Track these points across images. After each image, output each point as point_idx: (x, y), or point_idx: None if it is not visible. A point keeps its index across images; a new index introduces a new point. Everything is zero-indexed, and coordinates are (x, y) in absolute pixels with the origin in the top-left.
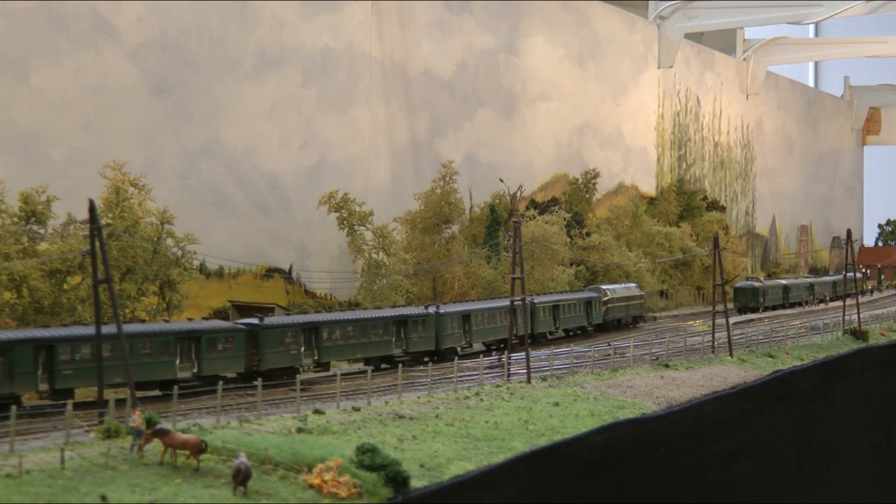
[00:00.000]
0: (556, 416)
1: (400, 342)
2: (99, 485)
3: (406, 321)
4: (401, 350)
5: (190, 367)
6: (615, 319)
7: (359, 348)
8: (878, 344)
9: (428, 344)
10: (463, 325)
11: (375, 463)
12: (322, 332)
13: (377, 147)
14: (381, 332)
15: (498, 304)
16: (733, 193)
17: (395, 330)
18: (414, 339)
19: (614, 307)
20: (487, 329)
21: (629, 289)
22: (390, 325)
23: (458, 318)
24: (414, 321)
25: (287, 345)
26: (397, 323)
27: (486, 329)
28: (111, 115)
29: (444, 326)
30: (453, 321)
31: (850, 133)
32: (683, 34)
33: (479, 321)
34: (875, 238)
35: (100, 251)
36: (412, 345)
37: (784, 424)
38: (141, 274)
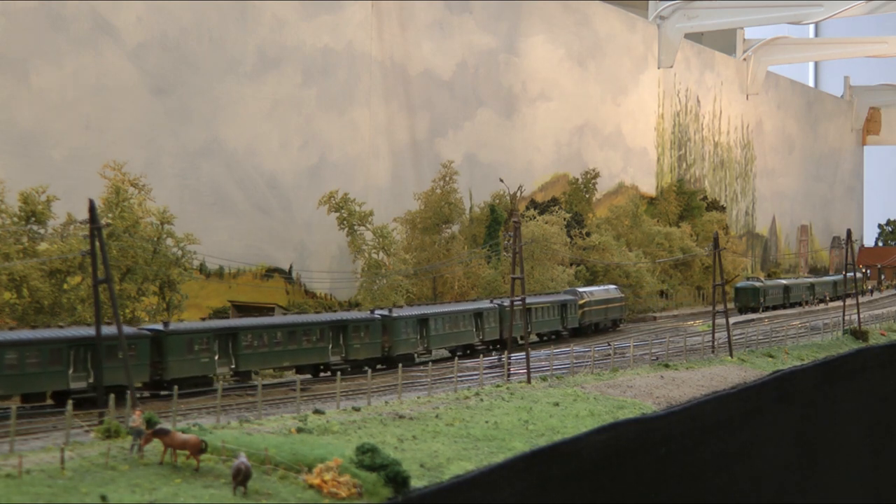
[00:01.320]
0: (556, 416)
1: (338, 349)
2: (99, 485)
3: (346, 326)
4: (339, 357)
5: (85, 376)
6: (592, 323)
7: (286, 356)
8: (878, 344)
9: (372, 350)
10: (420, 330)
11: (375, 463)
12: (241, 338)
13: (377, 147)
14: (314, 338)
15: (463, 307)
16: (733, 193)
17: (333, 336)
18: (355, 346)
19: (591, 310)
20: (449, 334)
21: (608, 291)
22: (326, 331)
23: (414, 323)
24: (355, 326)
25: (197, 352)
26: (335, 328)
27: (447, 334)
28: (111, 115)
29: (397, 331)
30: (408, 326)
31: (850, 133)
32: (683, 34)
33: (440, 326)
34: (875, 238)
35: (100, 251)
36: (353, 352)
37: (784, 424)
38: (141, 274)
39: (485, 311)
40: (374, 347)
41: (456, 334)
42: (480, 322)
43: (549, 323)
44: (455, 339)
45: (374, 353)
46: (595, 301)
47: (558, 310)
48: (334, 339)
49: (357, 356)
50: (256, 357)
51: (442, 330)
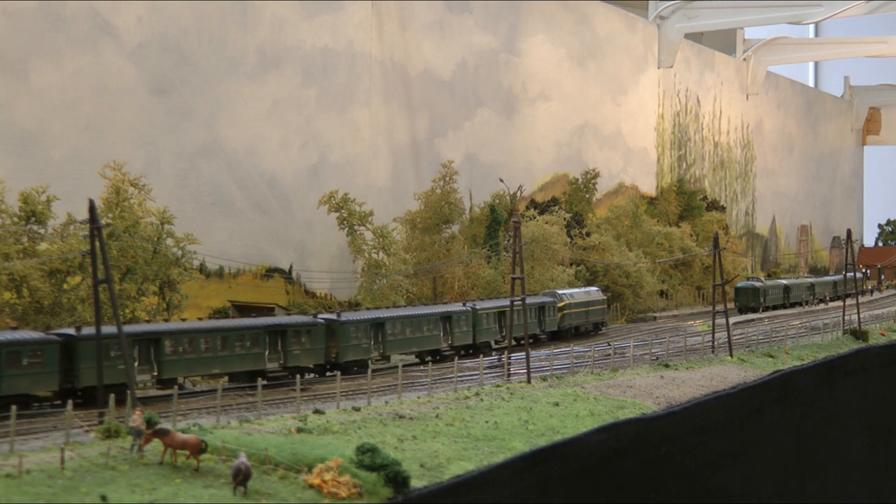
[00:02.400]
0: (556, 416)
1: (276, 355)
2: (99, 485)
3: (284, 332)
4: (277, 364)
5: None
6: (572, 326)
7: (216, 362)
8: (878, 344)
9: (315, 357)
10: (375, 335)
11: (375, 463)
12: (164, 343)
13: (377, 147)
14: (248, 343)
15: (427, 310)
16: (733, 193)
17: (270, 342)
18: (295, 353)
19: (571, 313)
20: (411, 339)
21: (589, 293)
22: (262, 337)
23: (367, 327)
24: (295, 331)
25: (114, 359)
26: (272, 333)
27: (408, 339)
28: (111, 115)
29: (345, 336)
30: (358, 330)
31: (850, 133)
32: (683, 34)
33: (398, 330)
34: (875, 238)
35: (100, 251)
36: (293, 358)
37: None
38: (141, 274)
39: (454, 314)
40: (316, 354)
41: (418, 339)
42: (449, 326)
43: (529, 325)
44: (417, 344)
45: (317, 359)
46: (575, 303)
47: (535, 312)
48: (271, 345)
49: (297, 363)
50: (182, 364)
51: (401, 335)
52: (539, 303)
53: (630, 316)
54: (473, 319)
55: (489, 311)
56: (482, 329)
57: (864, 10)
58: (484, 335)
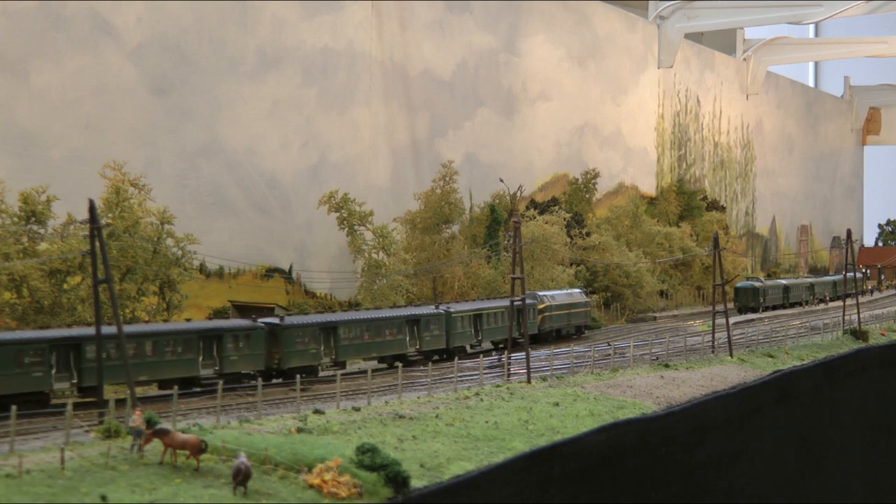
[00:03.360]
0: (556, 416)
1: (210, 361)
2: (99, 485)
3: (221, 336)
4: (212, 371)
5: None
6: (553, 329)
7: (144, 369)
8: (878, 344)
9: (254, 363)
10: (326, 340)
11: (375, 463)
12: (85, 349)
13: (377, 147)
14: (180, 349)
15: (389, 314)
16: (733, 193)
17: (205, 347)
18: (232, 358)
19: (552, 315)
20: (370, 344)
21: (571, 295)
22: (195, 342)
23: (315, 332)
24: (233, 336)
25: (27, 365)
26: (207, 338)
27: (366, 343)
28: (111, 115)
29: (289, 342)
30: (304, 335)
31: (850, 133)
32: (683, 34)
33: (354, 334)
34: (875, 238)
35: (100, 251)
36: (229, 364)
37: (784, 424)
38: (141, 274)
39: (423, 317)
40: (255, 359)
41: (379, 344)
42: (417, 330)
43: (503, 329)
44: (377, 349)
45: (257, 365)
46: (557, 306)
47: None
48: (206, 351)
49: (234, 369)
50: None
51: (358, 339)
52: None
53: (630, 316)
54: (446, 323)
55: (464, 315)
56: (456, 333)
57: (864, 10)
58: (458, 339)
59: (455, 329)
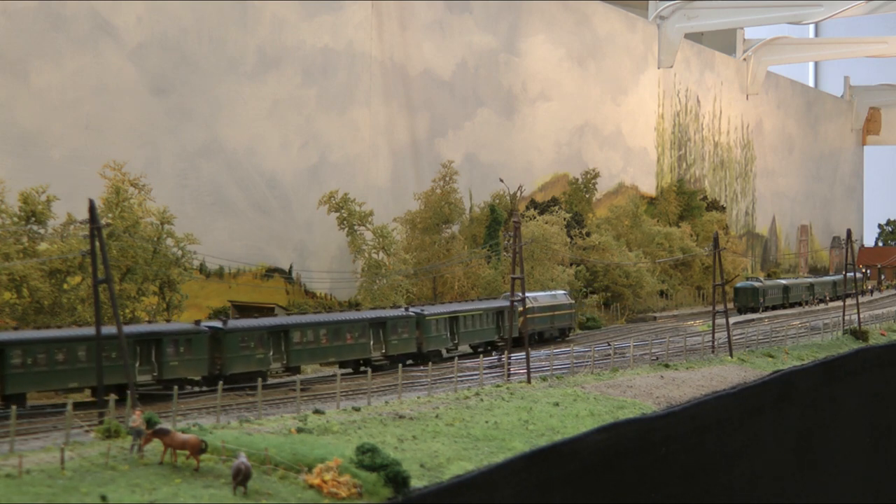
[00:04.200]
0: (556, 416)
1: (149, 367)
2: (99, 485)
3: (160, 340)
4: (150, 376)
5: None
6: (536, 332)
7: (73, 375)
8: (878, 344)
9: (195, 368)
10: (276, 344)
11: (375, 463)
12: (9, 354)
13: (377, 147)
14: (114, 354)
15: (350, 316)
16: (733, 193)
17: (141, 352)
18: (171, 364)
19: (535, 318)
20: (328, 348)
21: (555, 297)
22: (130, 347)
23: (263, 336)
24: (173, 340)
25: None
26: (144, 343)
27: (323, 348)
28: (111, 115)
29: (233, 346)
30: (251, 339)
31: (850, 133)
32: (683, 34)
33: (309, 338)
34: (875, 238)
35: (100, 251)
36: (168, 370)
37: (784, 424)
38: (141, 274)
39: (390, 320)
40: (197, 365)
41: (338, 348)
42: (383, 333)
43: (481, 332)
44: (337, 353)
45: (199, 370)
46: (539, 308)
47: (493, 317)
48: (143, 356)
49: (174, 375)
50: (31, 377)
51: (314, 343)
52: (498, 307)
53: (630, 316)
54: (419, 326)
55: (439, 317)
56: (430, 336)
57: (864, 10)
58: (433, 343)
59: (429, 332)
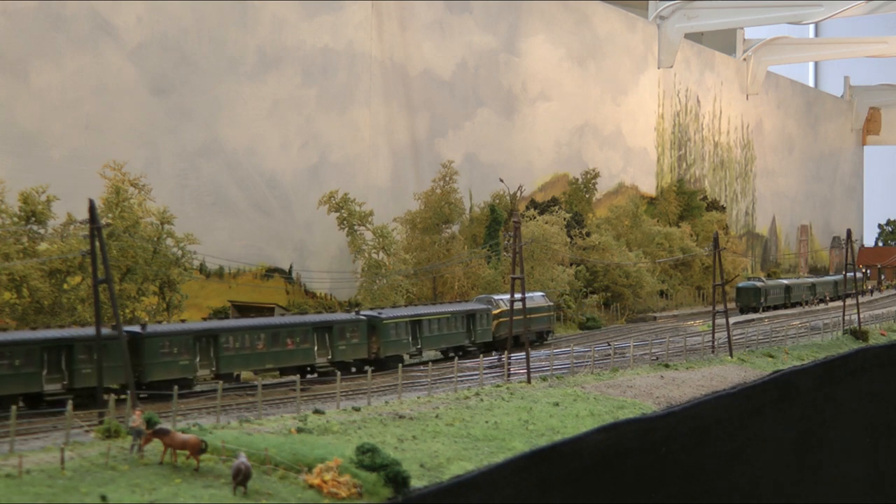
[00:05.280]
0: (556, 416)
1: (58, 375)
2: (99, 485)
3: (71, 346)
4: (60, 385)
5: None
6: None
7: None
8: (878, 344)
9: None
10: (205, 350)
11: (375, 463)
12: None
13: (377, 147)
14: (19, 362)
15: (291, 320)
16: (733, 193)
17: (50, 359)
18: (84, 371)
19: None
20: (264, 353)
21: (532, 299)
22: (36, 353)
23: (188, 342)
24: (85, 347)
25: None
26: (53, 349)
27: (258, 353)
28: (111, 115)
29: (153, 352)
30: (173, 345)
31: (850, 133)
32: (683, 34)
33: (242, 344)
34: (875, 238)
35: (100, 251)
36: (80, 378)
37: (784, 424)
38: (141, 274)
39: (337, 324)
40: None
41: (277, 354)
42: (329, 338)
43: (449, 337)
44: (275, 359)
45: (116, 378)
46: None
47: (463, 321)
48: (52, 364)
49: (87, 383)
50: None
51: (248, 349)
52: (467, 310)
53: (630, 316)
54: (374, 330)
55: (398, 321)
56: (389, 341)
57: (864, 10)
58: (391, 348)
59: (387, 337)
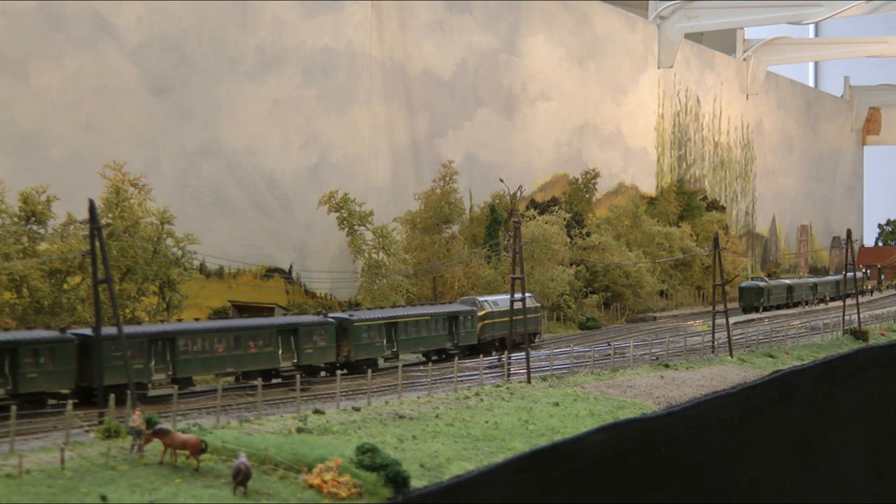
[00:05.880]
0: (556, 416)
1: (2, 380)
2: (99, 485)
3: (16, 350)
4: (3, 390)
5: None
6: (496, 339)
7: None
8: (878, 344)
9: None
10: (161, 353)
11: (375, 463)
12: None
13: (377, 147)
14: None
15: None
16: (733, 193)
17: None
18: (29, 376)
19: (495, 323)
20: (223, 357)
21: None
22: None
23: (140, 345)
24: (31, 350)
25: None
26: None
27: (217, 357)
28: (111, 115)
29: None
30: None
31: (850, 133)
32: (683, 34)
33: (201, 347)
34: (875, 238)
35: (100, 251)
36: (26, 384)
37: (784, 424)
38: (141, 274)
39: (303, 327)
40: (62, 377)
41: (238, 357)
42: (295, 342)
43: (429, 340)
44: (236, 363)
45: (65, 383)
46: (500, 312)
47: (445, 323)
48: None
49: (33, 388)
50: None
51: (206, 352)
52: (449, 312)
53: (630, 316)
54: (345, 333)
55: (371, 324)
56: (360, 344)
57: (864, 10)
58: (363, 351)
59: (358, 340)
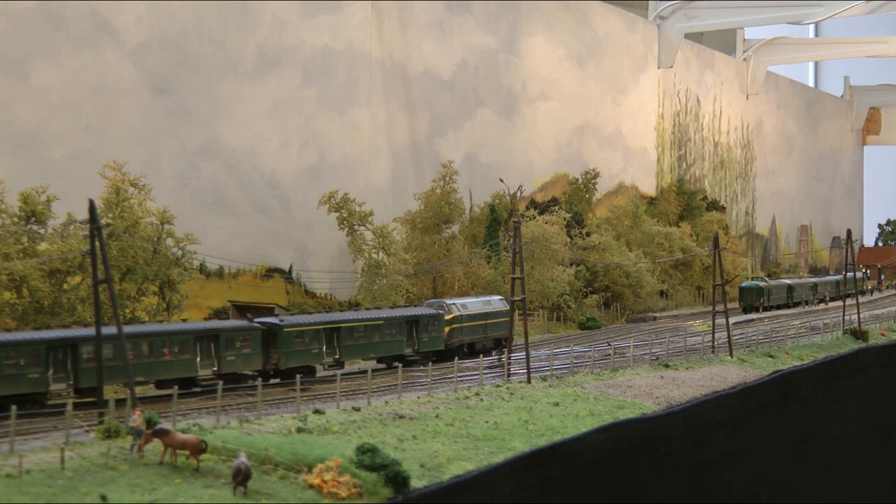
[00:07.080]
0: (556, 416)
1: None
2: (99, 485)
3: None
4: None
5: None
6: (464, 343)
7: None
8: (878, 344)
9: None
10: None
11: (375, 463)
12: None
13: (377, 147)
14: None
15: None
16: (733, 193)
17: None
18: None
19: (464, 327)
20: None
21: (489, 303)
22: None
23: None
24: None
25: None
26: None
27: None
28: (111, 115)
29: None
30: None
31: (850, 133)
32: (683, 34)
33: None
34: (875, 238)
35: (100, 251)
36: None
37: (784, 424)
38: (141, 274)
39: (225, 333)
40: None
41: (150, 365)
42: (215, 349)
43: (382, 346)
44: (148, 371)
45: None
46: (469, 316)
47: (403, 328)
48: None
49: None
50: None
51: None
52: (407, 316)
53: (630, 316)
54: (274, 339)
55: (305, 329)
56: (291, 351)
57: (864, 10)
58: (294, 359)
59: (289, 347)
